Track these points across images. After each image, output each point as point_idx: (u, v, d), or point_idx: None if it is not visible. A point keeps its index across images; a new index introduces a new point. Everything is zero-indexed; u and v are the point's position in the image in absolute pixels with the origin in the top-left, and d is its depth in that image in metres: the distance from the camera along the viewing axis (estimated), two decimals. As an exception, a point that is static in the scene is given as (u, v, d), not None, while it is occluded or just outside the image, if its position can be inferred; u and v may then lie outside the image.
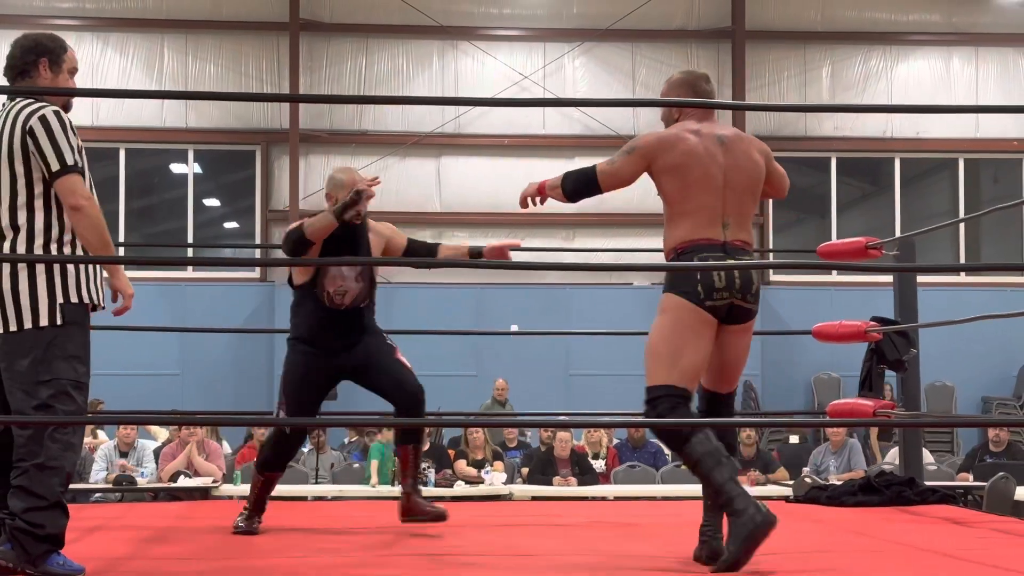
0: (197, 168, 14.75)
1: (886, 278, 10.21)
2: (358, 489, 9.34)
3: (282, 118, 14.29)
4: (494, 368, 12.87)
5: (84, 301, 3.63)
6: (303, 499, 8.71)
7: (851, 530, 5.10)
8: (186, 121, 14.36)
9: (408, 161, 14.26)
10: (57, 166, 3.55)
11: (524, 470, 9.91)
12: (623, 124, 14.09)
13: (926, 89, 14.66)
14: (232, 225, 15.32)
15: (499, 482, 9.52)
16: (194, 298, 13.69)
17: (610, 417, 8.43)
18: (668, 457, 11.38)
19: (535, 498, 9.04)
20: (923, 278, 9.62)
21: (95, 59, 14.06)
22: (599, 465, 10.13)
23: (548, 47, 14.55)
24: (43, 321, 3.55)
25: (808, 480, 8.67)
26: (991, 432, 10.00)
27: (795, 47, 14.76)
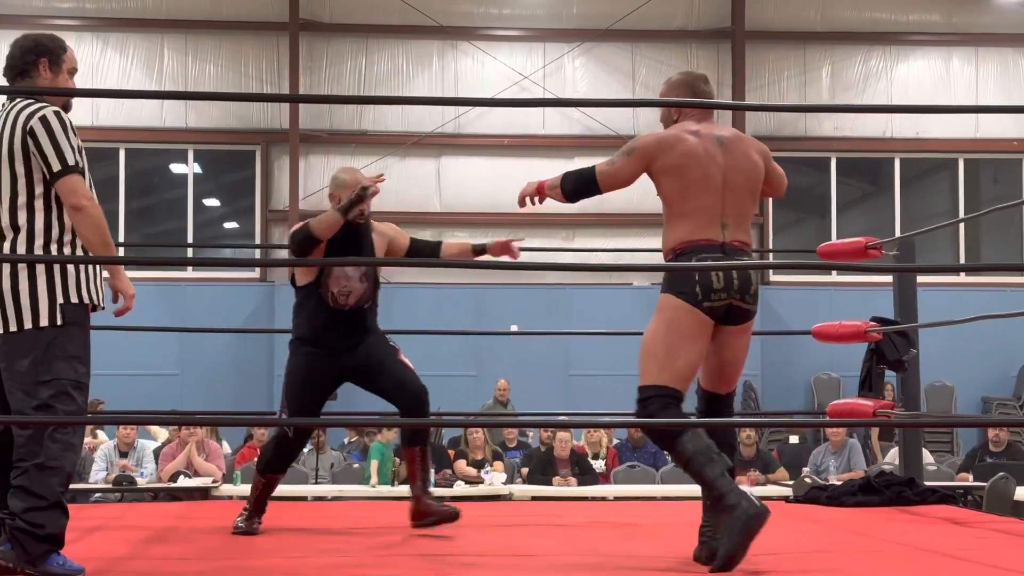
0: (197, 168, 14.75)
1: (886, 278, 10.20)
2: (358, 489, 9.35)
3: (282, 118, 14.29)
4: (494, 368, 12.87)
5: (84, 301, 3.63)
6: (303, 499, 8.71)
7: (851, 530, 5.10)
8: (186, 121, 14.36)
9: (408, 161, 14.26)
10: (58, 166, 3.55)
11: (524, 470, 9.91)
12: (623, 124, 14.09)
13: (926, 89, 14.66)
14: (232, 225, 15.32)
15: (499, 482, 9.52)
16: (194, 298, 13.68)
17: (610, 417, 8.42)
18: (668, 457, 11.37)
19: (535, 498, 9.04)
20: (923, 278, 9.62)
21: (95, 59, 14.06)
22: (599, 465, 10.13)
23: (548, 47, 14.55)
24: (43, 321, 3.54)
25: (808, 480, 8.67)
26: (991, 432, 10.01)
27: (795, 47, 14.76)
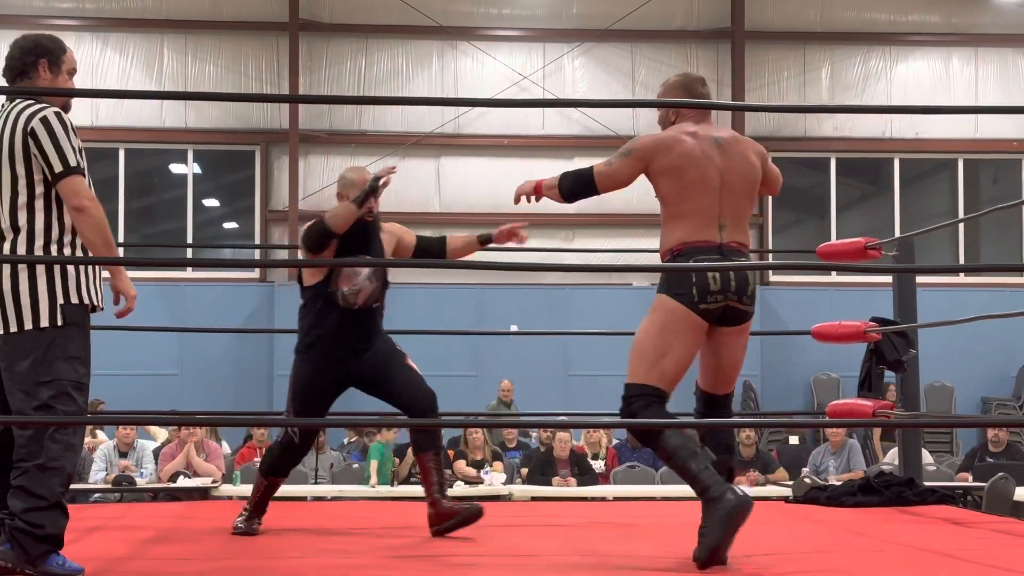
0: (196, 168, 14.74)
1: (885, 278, 10.20)
2: (357, 489, 9.35)
3: (282, 118, 14.29)
4: (494, 368, 12.86)
5: (84, 302, 3.63)
6: (302, 499, 8.71)
7: (850, 530, 5.11)
8: (186, 121, 14.36)
9: (408, 161, 14.25)
10: (60, 167, 3.55)
11: (523, 470, 9.91)
12: (622, 125, 14.09)
13: (925, 90, 14.67)
14: (231, 225, 15.31)
15: (498, 482, 9.52)
16: (193, 298, 13.68)
17: (609, 417, 8.40)
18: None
19: (534, 498, 9.04)
20: (922, 278, 9.61)
21: (95, 59, 14.06)
22: (598, 465, 10.13)
23: (548, 47, 14.55)
24: (44, 322, 3.54)
25: (807, 481, 8.67)
26: (990, 432, 10.01)
27: (794, 47, 14.76)
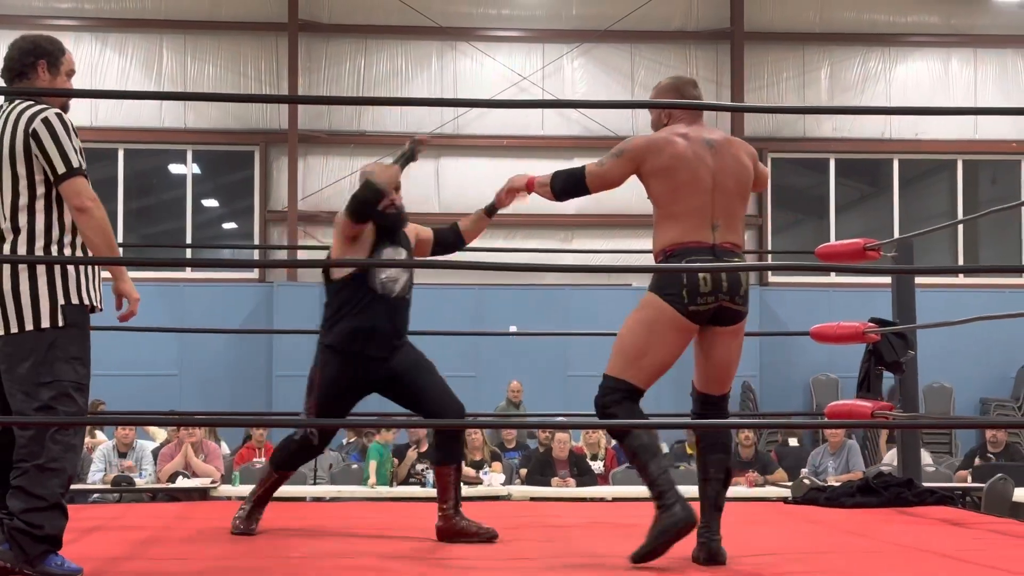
0: (196, 168, 14.74)
1: (884, 279, 10.20)
2: (356, 490, 9.34)
3: (281, 119, 14.29)
4: (493, 369, 12.86)
5: (84, 303, 3.63)
6: (301, 500, 8.71)
7: (849, 531, 5.11)
8: (185, 121, 14.35)
9: (407, 162, 14.24)
10: (63, 168, 3.55)
11: (522, 471, 9.91)
12: (622, 125, 14.09)
13: (925, 90, 14.68)
14: (231, 226, 15.31)
15: (497, 483, 9.51)
16: (192, 298, 13.68)
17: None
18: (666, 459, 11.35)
19: (533, 499, 9.03)
20: (921, 279, 9.62)
21: (94, 59, 14.06)
22: (597, 466, 10.13)
23: (547, 48, 14.55)
24: (44, 323, 3.54)
25: (806, 481, 8.66)
26: (988, 433, 10.01)
27: (794, 48, 14.77)
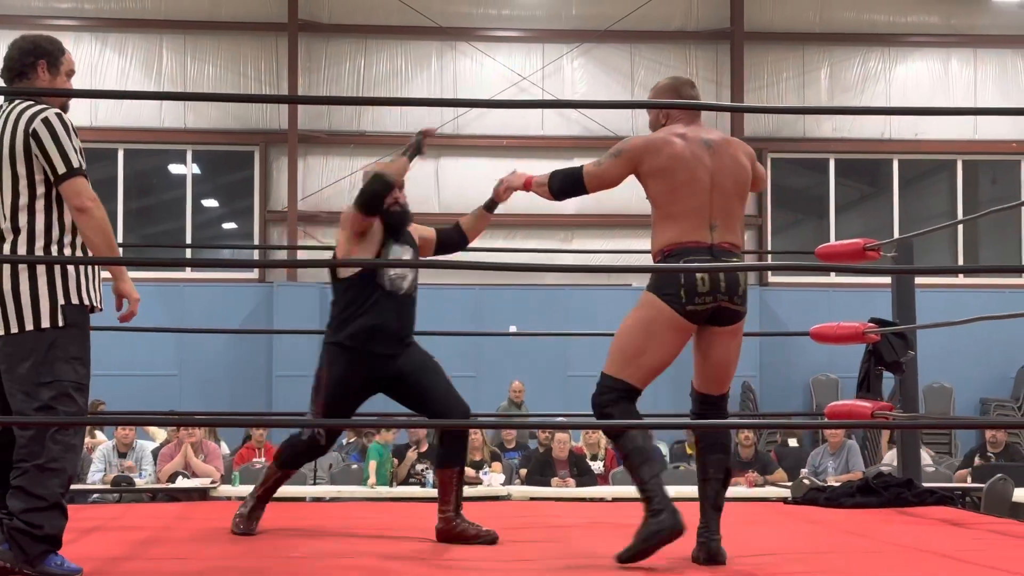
0: (195, 169, 14.74)
1: (884, 279, 10.21)
2: (356, 490, 9.34)
3: (280, 119, 14.29)
4: (493, 369, 12.86)
5: (84, 303, 3.63)
6: (301, 500, 8.71)
7: (849, 531, 5.11)
8: (185, 122, 14.35)
9: (407, 162, 14.24)
10: (63, 168, 3.55)
11: (522, 471, 9.91)
12: (621, 125, 14.09)
13: (924, 91, 14.68)
14: (230, 226, 15.31)
15: (497, 483, 9.51)
16: (192, 298, 13.68)
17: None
18: (666, 459, 11.37)
19: (533, 499, 9.03)
20: (921, 279, 9.62)
21: (94, 59, 14.06)
22: (597, 466, 10.12)
23: (547, 48, 14.55)
24: (44, 323, 3.54)
25: (806, 482, 8.66)
26: (988, 434, 10.00)
27: (794, 48, 14.77)
